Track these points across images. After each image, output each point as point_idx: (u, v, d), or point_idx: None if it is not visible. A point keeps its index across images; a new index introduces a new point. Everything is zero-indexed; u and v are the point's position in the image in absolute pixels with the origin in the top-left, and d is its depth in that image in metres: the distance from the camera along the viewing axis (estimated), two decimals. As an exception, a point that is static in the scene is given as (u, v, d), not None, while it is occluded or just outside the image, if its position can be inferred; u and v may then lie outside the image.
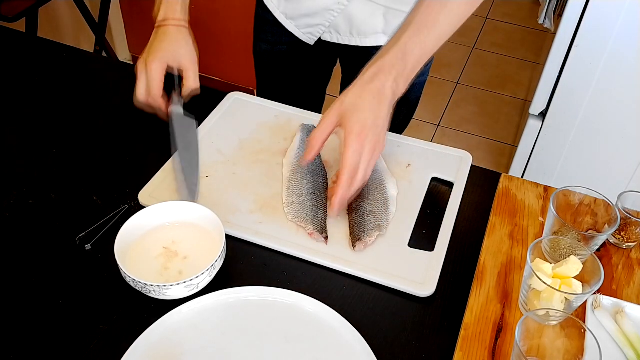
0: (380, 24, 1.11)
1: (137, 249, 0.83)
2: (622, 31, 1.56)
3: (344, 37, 1.15)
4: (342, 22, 1.12)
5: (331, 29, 1.14)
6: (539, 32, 3.03)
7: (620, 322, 0.77)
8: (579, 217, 0.86)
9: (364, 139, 0.83)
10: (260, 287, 0.80)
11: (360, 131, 0.83)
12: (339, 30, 1.14)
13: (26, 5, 1.95)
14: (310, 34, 1.17)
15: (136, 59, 2.81)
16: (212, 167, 0.98)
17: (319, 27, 1.14)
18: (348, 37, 1.15)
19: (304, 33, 1.17)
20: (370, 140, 0.83)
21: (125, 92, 1.16)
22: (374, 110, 0.84)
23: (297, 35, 1.18)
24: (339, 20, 1.12)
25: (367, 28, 1.12)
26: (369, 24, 1.11)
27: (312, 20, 1.14)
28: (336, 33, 1.15)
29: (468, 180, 0.98)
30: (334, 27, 1.14)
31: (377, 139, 0.84)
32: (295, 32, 1.18)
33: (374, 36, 1.14)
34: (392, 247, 0.87)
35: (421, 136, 2.47)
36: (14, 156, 1.01)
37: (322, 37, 1.17)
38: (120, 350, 0.73)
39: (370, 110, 0.84)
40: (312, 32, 1.16)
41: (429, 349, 0.76)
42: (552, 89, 1.74)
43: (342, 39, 1.15)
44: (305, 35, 1.18)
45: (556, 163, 1.88)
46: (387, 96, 0.85)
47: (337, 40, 1.16)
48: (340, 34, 1.15)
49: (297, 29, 1.18)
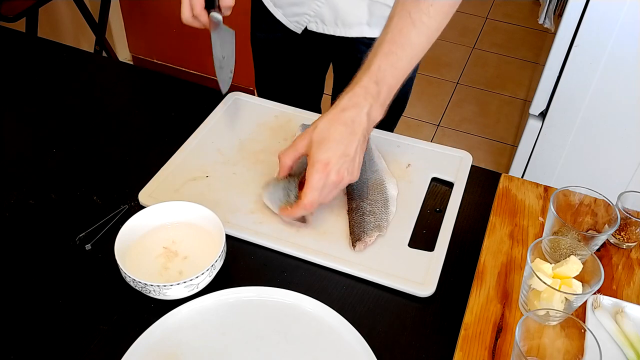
0: (364, 15, 1.13)
1: (137, 249, 0.83)
2: (622, 31, 1.56)
3: (329, 27, 1.17)
4: (327, 12, 1.14)
5: (317, 18, 1.16)
6: (539, 32, 3.03)
7: (620, 322, 0.77)
8: (579, 217, 0.86)
9: (330, 170, 0.83)
10: (260, 287, 0.80)
11: (327, 162, 0.83)
12: (324, 20, 1.16)
13: (26, 5, 1.95)
14: (297, 22, 1.19)
15: (136, 59, 2.82)
16: (212, 167, 0.98)
17: (305, 15, 1.17)
18: (333, 28, 1.17)
19: (291, 21, 1.20)
20: (337, 171, 0.83)
21: (126, 92, 1.16)
22: (344, 140, 0.83)
23: (285, 24, 1.21)
24: (324, 10, 1.14)
25: (352, 19, 1.14)
26: (353, 15, 1.13)
27: (298, 8, 1.16)
28: (322, 23, 1.17)
29: (468, 180, 0.98)
30: (319, 16, 1.16)
31: (345, 169, 0.84)
32: (283, 20, 1.20)
33: (359, 27, 1.15)
34: (392, 247, 0.87)
35: (421, 136, 2.48)
36: (14, 156, 1.01)
37: (309, 26, 1.19)
38: (120, 350, 0.73)
39: (340, 141, 0.83)
40: (299, 20, 1.18)
41: (429, 349, 0.76)
42: (552, 89, 1.74)
43: (327, 29, 1.17)
44: (292, 23, 1.20)
45: (556, 163, 1.88)
46: (361, 124, 0.84)
47: (322, 30, 1.18)
48: (325, 24, 1.17)
49: (284, 17, 1.20)
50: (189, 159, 0.99)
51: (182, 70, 2.65)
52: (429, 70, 2.84)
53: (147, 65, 2.69)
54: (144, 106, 1.14)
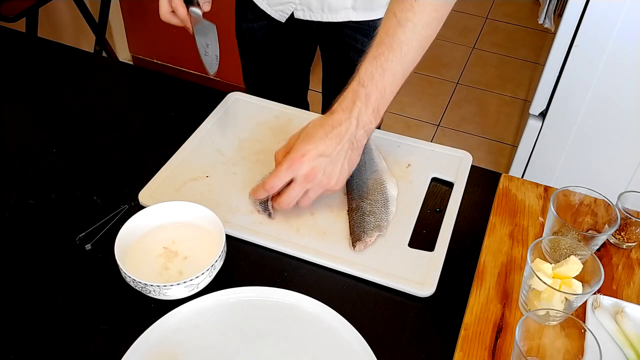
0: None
1: (137, 249, 0.83)
2: (622, 31, 1.56)
3: (315, 13, 1.18)
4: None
5: (303, 6, 1.18)
6: (539, 32, 3.03)
7: (620, 322, 0.77)
8: (579, 217, 0.86)
9: (303, 162, 0.82)
10: (260, 287, 0.80)
11: (303, 154, 0.83)
12: (311, 7, 1.18)
13: (26, 5, 1.95)
14: (281, 12, 1.20)
15: (136, 59, 2.82)
16: (212, 167, 0.98)
17: (289, 4, 1.18)
18: (320, 14, 1.18)
19: (275, 11, 1.21)
20: (312, 166, 0.83)
21: (126, 92, 1.16)
22: (326, 141, 0.83)
23: (269, 13, 1.21)
24: None
25: (337, 3, 1.16)
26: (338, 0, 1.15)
27: None
28: (308, 10, 1.18)
29: (468, 180, 0.98)
30: (305, 4, 1.17)
31: (322, 169, 0.83)
32: (267, 9, 1.21)
33: (344, 11, 1.17)
34: (392, 247, 0.87)
35: (421, 136, 2.48)
36: (14, 156, 1.01)
37: (296, 14, 1.20)
38: (120, 350, 0.73)
39: (322, 139, 0.83)
40: (283, 9, 1.20)
41: (429, 349, 0.76)
42: (552, 89, 1.74)
43: (314, 16, 1.19)
44: (277, 12, 1.21)
45: (556, 163, 1.88)
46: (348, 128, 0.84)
47: (309, 17, 1.19)
48: (312, 11, 1.18)
49: (268, 7, 1.21)
50: (189, 159, 0.99)
51: (182, 70, 2.65)
52: (429, 70, 2.84)
53: (147, 65, 2.69)
54: (144, 106, 1.14)
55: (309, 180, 0.84)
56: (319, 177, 0.84)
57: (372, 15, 1.18)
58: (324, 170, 0.84)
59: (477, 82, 2.82)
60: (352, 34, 1.21)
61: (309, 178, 0.84)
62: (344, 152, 0.85)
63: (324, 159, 0.83)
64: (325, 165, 0.84)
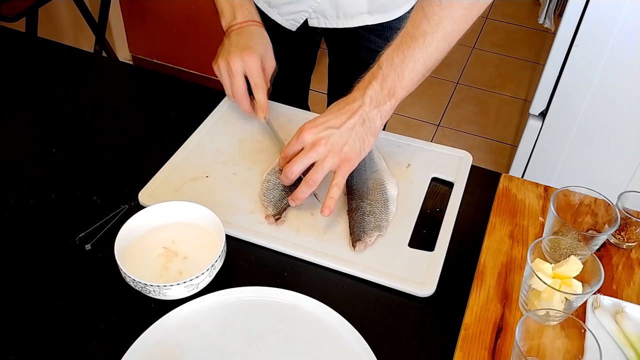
0: (364, 4, 1.14)
1: (137, 249, 0.83)
2: (622, 31, 1.56)
3: (330, 20, 1.17)
4: (328, 6, 1.14)
5: (318, 14, 1.17)
6: (539, 32, 3.03)
7: (620, 322, 0.77)
8: (579, 217, 0.86)
9: (307, 134, 0.87)
10: (260, 287, 0.80)
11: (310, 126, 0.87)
12: (326, 15, 1.16)
13: (26, 5, 1.95)
14: (293, 20, 1.19)
15: (136, 58, 2.82)
16: (212, 167, 0.98)
17: (302, 13, 1.17)
18: (335, 20, 1.17)
19: (286, 20, 1.19)
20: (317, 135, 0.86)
21: (125, 92, 1.16)
22: (335, 114, 0.88)
23: (280, 22, 1.20)
24: (325, 5, 1.14)
25: (352, 9, 1.15)
26: (353, 6, 1.14)
27: (294, 7, 1.16)
28: (323, 18, 1.17)
29: (468, 180, 0.98)
30: (320, 12, 1.16)
31: (326, 137, 0.86)
32: (278, 19, 1.20)
33: (360, 17, 1.16)
34: (392, 247, 0.87)
35: (421, 136, 2.48)
36: (14, 156, 1.01)
37: (310, 23, 1.19)
38: (120, 350, 0.73)
39: (331, 113, 0.88)
40: (295, 18, 1.18)
41: (429, 349, 0.76)
42: (552, 89, 1.74)
43: (329, 23, 1.18)
44: (289, 22, 1.20)
45: (556, 163, 1.88)
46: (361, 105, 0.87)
47: (324, 24, 1.18)
48: (327, 19, 1.17)
49: (279, 17, 1.20)
50: (189, 159, 0.99)
51: (182, 70, 2.64)
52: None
53: (147, 65, 2.69)
54: (144, 106, 1.14)
55: (315, 149, 0.86)
56: (323, 146, 0.86)
57: (387, 18, 1.17)
58: (328, 139, 0.86)
59: (477, 82, 2.82)
60: (366, 34, 1.20)
61: (314, 146, 0.86)
62: (352, 125, 0.87)
63: (331, 130, 0.87)
64: (331, 135, 0.86)
